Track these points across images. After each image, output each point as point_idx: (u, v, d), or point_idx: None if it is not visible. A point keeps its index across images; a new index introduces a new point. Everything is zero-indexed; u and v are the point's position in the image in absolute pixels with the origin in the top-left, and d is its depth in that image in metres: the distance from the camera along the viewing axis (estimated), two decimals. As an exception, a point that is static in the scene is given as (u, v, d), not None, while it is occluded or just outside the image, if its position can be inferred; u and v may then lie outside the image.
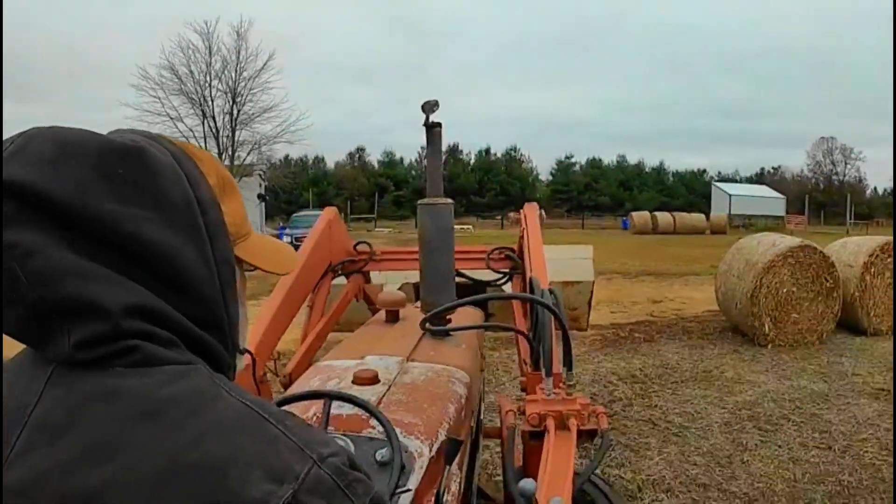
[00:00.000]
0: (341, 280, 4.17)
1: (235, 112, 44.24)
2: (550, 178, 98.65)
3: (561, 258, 5.32)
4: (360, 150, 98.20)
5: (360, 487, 0.83)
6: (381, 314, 3.56)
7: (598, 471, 4.26)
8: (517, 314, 3.66)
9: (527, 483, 1.75)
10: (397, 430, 1.76)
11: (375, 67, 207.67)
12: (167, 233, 0.86)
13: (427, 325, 2.88)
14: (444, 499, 1.99)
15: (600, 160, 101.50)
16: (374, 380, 2.26)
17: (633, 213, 63.97)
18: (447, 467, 2.08)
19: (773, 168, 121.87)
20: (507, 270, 4.27)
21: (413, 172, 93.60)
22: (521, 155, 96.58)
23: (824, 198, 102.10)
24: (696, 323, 13.13)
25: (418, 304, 3.59)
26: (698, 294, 16.10)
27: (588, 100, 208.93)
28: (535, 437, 2.33)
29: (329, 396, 1.91)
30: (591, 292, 5.73)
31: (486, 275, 4.25)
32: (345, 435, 1.88)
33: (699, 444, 6.48)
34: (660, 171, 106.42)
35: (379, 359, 2.59)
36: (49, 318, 0.79)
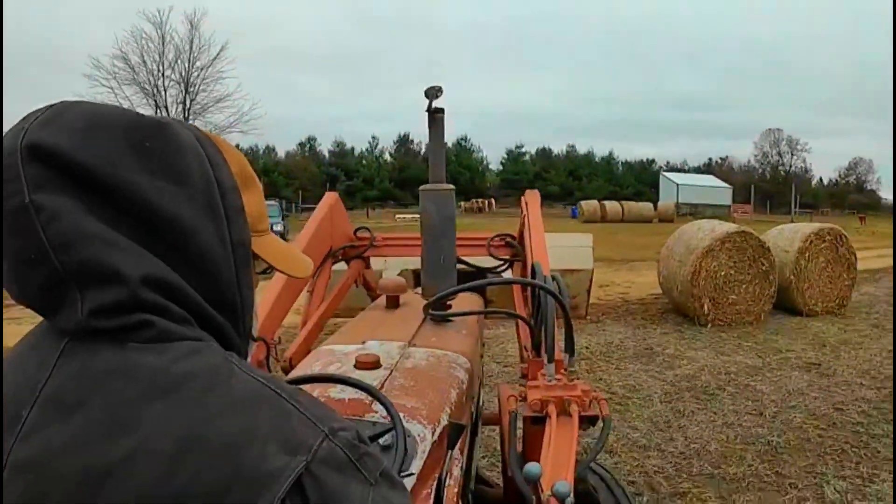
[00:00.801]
0: (341, 266, 4.20)
1: (188, 102, 44.17)
2: (500, 167, 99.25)
3: (561, 246, 5.45)
4: (311, 139, 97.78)
5: (370, 462, 0.87)
6: (382, 300, 3.57)
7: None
8: (517, 300, 3.72)
9: (532, 467, 1.73)
10: (400, 415, 1.75)
11: (328, 57, 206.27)
12: (188, 208, 0.88)
13: (429, 310, 2.92)
14: (446, 483, 1.99)
15: (550, 150, 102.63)
16: (375, 364, 2.27)
17: (582, 202, 64.87)
18: (449, 452, 2.09)
19: (720, 158, 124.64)
20: (507, 257, 4.30)
21: (363, 162, 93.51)
22: (472, 145, 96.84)
23: (771, 188, 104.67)
24: (640, 305, 13.82)
25: (418, 290, 3.64)
26: (643, 279, 16.75)
27: (539, 91, 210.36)
28: (537, 423, 2.32)
29: (332, 380, 1.95)
30: (591, 280, 5.86)
31: (486, 262, 4.27)
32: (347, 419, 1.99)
33: (640, 412, 7.06)
34: (609, 160, 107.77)
35: (380, 344, 2.61)
36: (67, 282, 0.80)
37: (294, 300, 3.33)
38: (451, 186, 3.28)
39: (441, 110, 3.15)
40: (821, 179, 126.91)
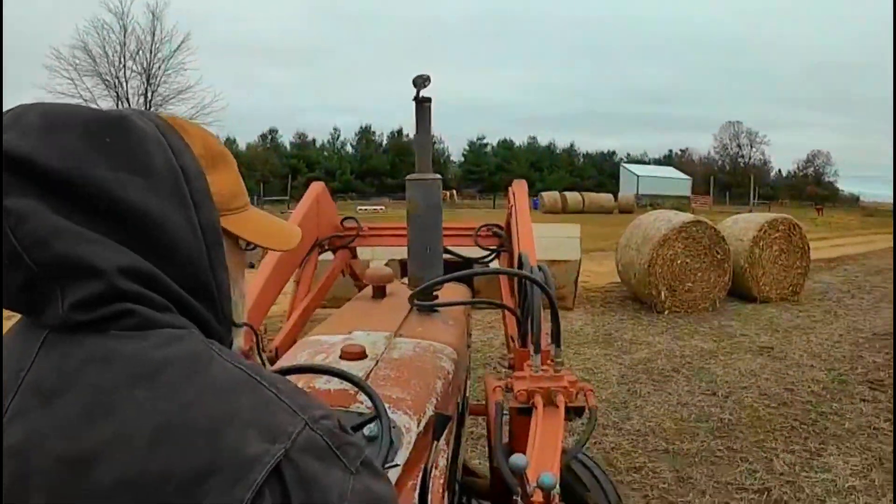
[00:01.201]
0: (328, 256, 4.20)
1: (150, 94, 43.80)
2: (462, 159, 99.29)
3: (548, 236, 5.40)
4: (273, 131, 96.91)
5: (351, 451, 0.87)
6: (368, 290, 3.57)
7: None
8: (504, 291, 3.75)
9: (518, 458, 1.70)
10: (385, 406, 1.75)
11: (289, 49, 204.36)
12: (153, 198, 0.89)
13: (415, 300, 2.92)
14: (432, 474, 1.99)
15: (512, 142, 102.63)
16: (361, 355, 2.27)
17: (544, 193, 65.21)
18: (435, 443, 2.08)
19: (681, 150, 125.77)
20: (494, 247, 4.28)
21: (325, 154, 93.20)
22: (434, 136, 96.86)
23: (730, 179, 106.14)
24: (600, 293, 14.11)
25: (405, 280, 3.63)
26: (602, 268, 17.01)
27: (500, 83, 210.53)
28: (523, 414, 2.32)
29: (315, 370, 1.95)
30: (578, 271, 5.81)
31: (473, 252, 4.24)
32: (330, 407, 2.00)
33: (599, 393, 7.30)
34: (570, 152, 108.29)
35: (366, 334, 2.60)
36: (43, 280, 0.82)
37: (281, 288, 3.34)
38: (438, 176, 3.29)
39: (428, 99, 3.14)
40: (780, 171, 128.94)
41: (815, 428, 6.49)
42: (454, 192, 74.34)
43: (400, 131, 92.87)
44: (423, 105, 3.15)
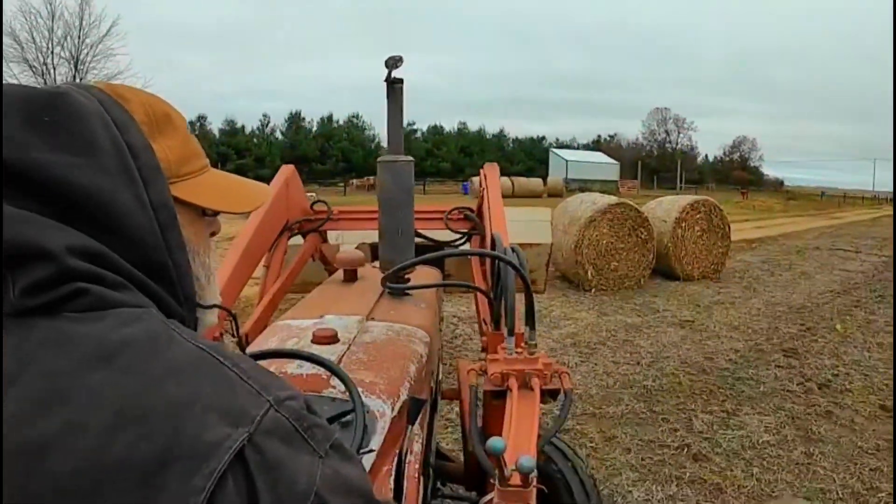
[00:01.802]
0: (298, 240, 4.17)
1: (78, 80, 42.99)
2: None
3: (519, 220, 5.37)
4: (202, 118, 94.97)
5: (319, 433, 0.84)
6: (339, 274, 3.54)
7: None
8: (476, 274, 3.74)
9: (496, 441, 1.68)
10: (359, 390, 1.73)
11: (216, 33, 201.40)
12: (99, 177, 0.86)
13: (387, 283, 2.93)
14: (407, 459, 1.98)
15: (442, 127, 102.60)
16: (333, 339, 2.26)
17: (474, 178, 65.37)
18: (409, 427, 2.07)
19: (609, 136, 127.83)
20: (465, 231, 4.27)
21: (255, 140, 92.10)
22: (364, 122, 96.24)
23: (658, 164, 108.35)
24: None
25: (376, 263, 3.58)
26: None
27: (430, 68, 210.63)
28: (497, 397, 2.31)
29: (287, 355, 1.94)
30: (549, 255, 5.88)
31: (443, 235, 4.20)
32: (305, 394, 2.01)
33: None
34: (500, 137, 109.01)
35: (338, 318, 2.59)
36: None
37: (252, 271, 3.29)
38: (410, 158, 3.27)
39: (400, 80, 3.11)
40: (706, 157, 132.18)
41: (732, 391, 6.98)
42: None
43: (330, 117, 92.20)
44: (394, 86, 3.14)
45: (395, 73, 3.07)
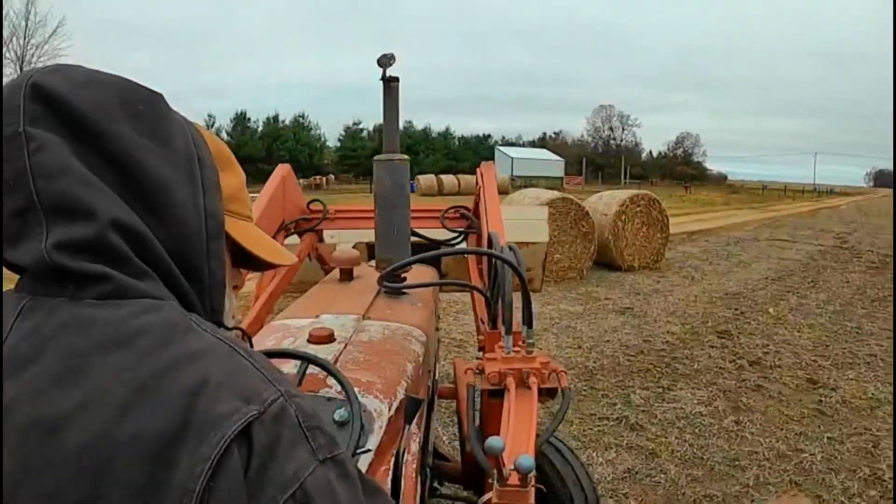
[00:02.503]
0: (294, 240, 4.16)
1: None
2: (338, 144, 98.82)
3: (516, 219, 5.52)
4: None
5: (321, 437, 0.84)
6: (335, 273, 3.54)
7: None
8: (473, 273, 3.72)
9: (495, 441, 1.68)
10: (356, 389, 1.73)
11: (161, 31, 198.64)
12: (167, 168, 0.92)
13: (384, 282, 2.93)
14: (404, 458, 1.96)
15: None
16: (329, 338, 2.24)
17: (420, 176, 65.84)
18: (407, 426, 2.05)
19: (554, 133, 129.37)
20: (462, 229, 4.27)
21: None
22: (310, 122, 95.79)
23: (602, 160, 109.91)
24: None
25: (372, 262, 3.59)
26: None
27: (374, 66, 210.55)
28: (495, 396, 2.30)
29: (285, 355, 1.93)
30: (546, 254, 5.83)
31: (440, 234, 4.21)
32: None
33: (476, 353, 8.01)
34: (446, 135, 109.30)
35: (334, 317, 2.59)
36: (37, 211, 0.82)
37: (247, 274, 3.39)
38: (406, 157, 3.27)
39: (396, 79, 3.13)
40: (651, 152, 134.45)
41: (668, 370, 7.48)
42: (330, 176, 74.19)
43: (276, 117, 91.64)
44: (390, 85, 3.15)
45: (390, 72, 3.09)
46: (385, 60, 3.02)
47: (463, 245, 4.25)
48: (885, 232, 28.70)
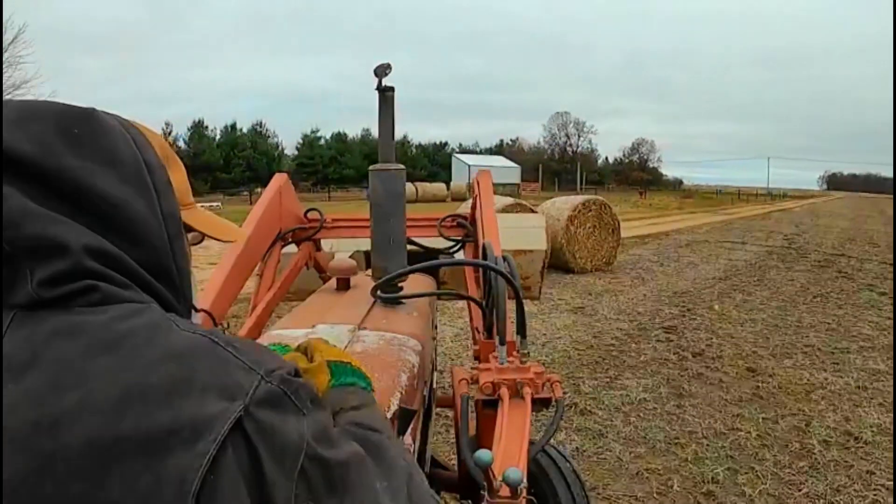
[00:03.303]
0: (291, 248, 4.15)
1: (-16, 89, 41.64)
2: (296, 152, 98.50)
3: (513, 227, 5.44)
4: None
5: (304, 393, 0.93)
6: (332, 282, 3.53)
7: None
8: (469, 282, 3.73)
9: (483, 454, 1.71)
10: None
11: (109, 36, 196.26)
12: (119, 186, 0.97)
13: (378, 292, 2.94)
14: None
15: (346, 134, 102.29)
16: None
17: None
18: (400, 437, 2.04)
19: (511, 140, 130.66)
20: (459, 238, 4.27)
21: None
22: (267, 130, 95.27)
23: (559, 167, 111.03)
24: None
25: (369, 271, 3.60)
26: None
27: (327, 73, 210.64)
28: (489, 406, 2.32)
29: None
30: (544, 261, 5.80)
31: (437, 243, 4.22)
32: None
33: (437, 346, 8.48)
34: (403, 143, 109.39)
35: (330, 327, 2.61)
36: (16, 258, 0.88)
37: (243, 283, 3.32)
38: (402, 166, 3.29)
39: (391, 88, 3.16)
40: (606, 158, 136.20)
41: (616, 362, 7.98)
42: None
43: (234, 125, 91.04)
44: (385, 94, 3.17)
45: (385, 81, 3.11)
46: (381, 70, 3.03)
47: (460, 254, 4.24)
48: (833, 233, 29.81)
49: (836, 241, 25.16)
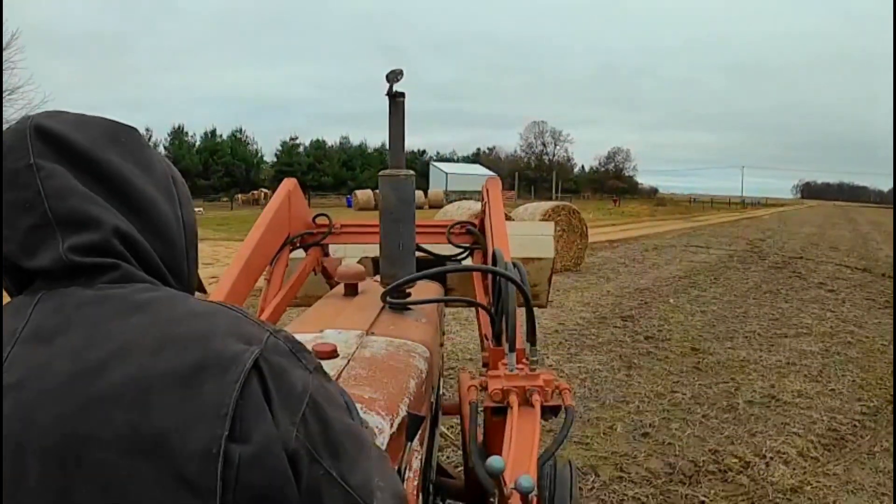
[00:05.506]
0: (299, 253, 4.19)
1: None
2: (275, 159, 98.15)
3: (522, 234, 5.47)
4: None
5: (306, 355, 1.05)
6: (340, 288, 3.51)
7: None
8: (478, 289, 3.71)
9: (495, 461, 1.71)
10: (357, 406, 1.59)
11: (78, 41, 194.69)
12: (151, 188, 1.11)
13: (388, 298, 2.94)
14: (406, 475, 2.00)
15: (324, 141, 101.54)
16: (332, 353, 2.25)
17: (357, 191, 65.70)
18: (408, 444, 2.06)
19: (488, 149, 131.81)
20: (467, 245, 4.27)
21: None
22: (247, 136, 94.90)
23: (535, 175, 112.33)
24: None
25: (377, 277, 3.61)
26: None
27: (304, 81, 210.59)
28: (498, 414, 2.33)
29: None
30: (552, 269, 5.64)
31: (445, 250, 4.25)
32: None
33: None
34: (382, 151, 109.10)
35: (338, 332, 2.61)
36: (51, 226, 0.99)
37: (251, 287, 3.32)
38: (411, 172, 3.31)
39: (402, 94, 3.18)
40: (583, 167, 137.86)
41: (577, 343, 9.24)
42: (266, 192, 74.34)
43: (214, 131, 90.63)
44: (396, 100, 3.19)
45: (397, 87, 3.14)
46: (392, 76, 3.07)
47: (469, 261, 4.25)
48: (798, 238, 31.31)
49: (798, 246, 26.69)
